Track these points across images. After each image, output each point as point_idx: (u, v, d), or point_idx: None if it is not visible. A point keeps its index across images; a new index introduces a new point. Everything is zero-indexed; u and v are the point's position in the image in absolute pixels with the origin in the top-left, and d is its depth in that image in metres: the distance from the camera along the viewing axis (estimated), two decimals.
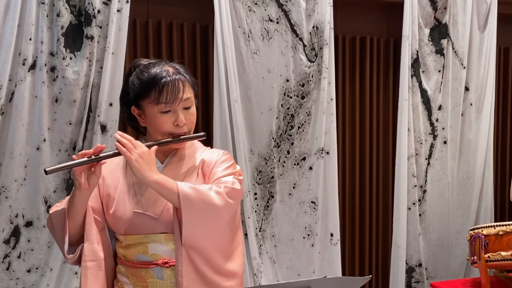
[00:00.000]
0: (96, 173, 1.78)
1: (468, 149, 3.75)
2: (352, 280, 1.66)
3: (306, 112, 3.24)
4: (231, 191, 1.81)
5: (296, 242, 3.29)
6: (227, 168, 1.91)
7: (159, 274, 1.86)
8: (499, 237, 2.62)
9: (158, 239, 1.86)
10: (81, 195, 1.78)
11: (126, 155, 1.75)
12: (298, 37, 3.17)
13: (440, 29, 3.56)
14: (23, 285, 2.71)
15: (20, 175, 2.67)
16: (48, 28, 2.67)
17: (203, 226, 1.77)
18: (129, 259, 1.89)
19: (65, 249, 1.85)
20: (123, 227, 1.88)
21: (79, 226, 1.84)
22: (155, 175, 1.75)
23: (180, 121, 1.85)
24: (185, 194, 1.74)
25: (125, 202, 1.88)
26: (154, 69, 1.86)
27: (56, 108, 2.72)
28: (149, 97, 1.84)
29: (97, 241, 1.85)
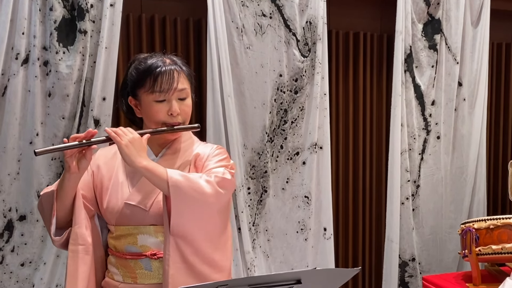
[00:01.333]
0: (86, 157, 1.79)
1: (461, 144, 3.77)
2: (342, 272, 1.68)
3: (300, 107, 3.24)
4: (221, 180, 1.82)
5: (290, 236, 3.30)
6: (220, 161, 1.92)
7: (147, 266, 1.88)
8: (490, 231, 2.64)
9: (148, 230, 1.87)
10: (71, 178, 1.80)
11: (116, 140, 1.77)
12: (291, 32, 3.18)
13: (433, 24, 3.58)
14: (17, 279, 2.71)
15: (13, 169, 2.67)
16: (41, 22, 2.67)
17: (192, 213, 1.78)
18: (119, 249, 1.91)
19: (52, 231, 1.86)
20: (114, 218, 1.90)
21: (67, 209, 1.86)
22: (144, 161, 1.77)
23: (174, 111, 1.87)
24: (174, 180, 1.75)
25: (118, 193, 1.90)
26: (152, 59, 1.90)
27: (49, 102, 2.71)
28: (145, 86, 1.86)
29: (85, 226, 1.86)
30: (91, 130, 1.79)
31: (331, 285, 1.60)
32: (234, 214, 3.08)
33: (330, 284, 1.59)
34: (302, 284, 1.48)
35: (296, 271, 1.45)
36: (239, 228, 3.11)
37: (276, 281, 1.46)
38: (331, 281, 1.59)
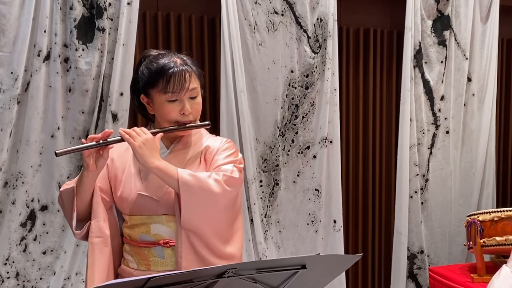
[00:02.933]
0: (103, 156, 1.89)
1: (471, 139, 3.83)
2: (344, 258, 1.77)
3: (310, 102, 3.33)
4: (229, 179, 1.90)
5: (300, 228, 3.39)
6: (228, 156, 1.99)
7: (160, 254, 1.97)
8: (494, 223, 2.71)
9: (160, 220, 1.96)
10: (89, 176, 1.90)
11: (130, 142, 1.86)
12: (303, 29, 3.26)
13: (442, 20, 3.64)
14: (39, 266, 2.84)
15: (35, 162, 2.78)
16: (61, 20, 2.78)
17: (201, 211, 1.87)
18: (134, 238, 2.00)
19: (73, 225, 1.96)
20: (128, 208, 1.99)
21: (86, 204, 1.96)
22: (157, 161, 1.85)
23: (186, 110, 1.94)
24: (184, 180, 1.84)
25: (131, 184, 1.99)
26: (163, 59, 1.96)
27: (70, 97, 2.83)
28: (157, 86, 1.93)
29: (103, 219, 1.96)
30: (107, 131, 1.88)
31: (334, 270, 1.69)
32: (246, 206, 3.18)
33: (333, 269, 1.68)
34: (307, 269, 1.57)
35: (301, 256, 1.54)
36: (251, 219, 3.20)
37: (282, 265, 1.55)
38: (334, 266, 1.68)
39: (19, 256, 2.79)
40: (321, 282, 1.73)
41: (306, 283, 1.69)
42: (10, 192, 2.76)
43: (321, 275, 1.68)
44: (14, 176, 2.76)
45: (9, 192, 2.76)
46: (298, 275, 1.59)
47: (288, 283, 1.62)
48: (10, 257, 2.77)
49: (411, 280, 3.70)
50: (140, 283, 1.33)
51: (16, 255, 2.78)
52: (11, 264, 2.77)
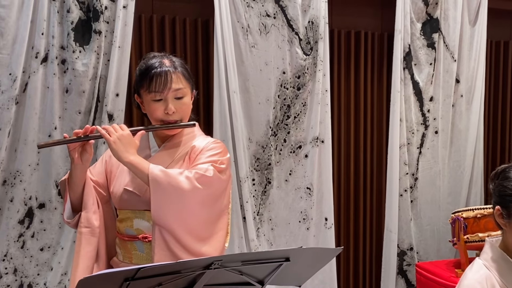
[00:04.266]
0: (87, 151, 1.97)
1: (459, 138, 3.92)
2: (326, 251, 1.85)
3: (302, 103, 3.41)
4: (201, 177, 1.94)
5: (292, 225, 3.47)
6: (211, 156, 2.03)
7: (140, 248, 2.04)
8: (477, 220, 2.80)
9: (142, 215, 2.03)
10: (76, 168, 1.98)
11: (106, 137, 1.93)
12: (294, 32, 3.34)
13: (431, 23, 3.72)
14: (37, 263, 2.92)
15: (33, 160, 2.86)
16: (59, 23, 2.86)
17: (170, 207, 1.92)
18: (121, 231, 2.08)
19: (66, 214, 2.05)
20: (117, 202, 2.08)
21: (78, 196, 2.04)
22: (131, 156, 1.92)
23: (169, 109, 2.01)
24: (154, 176, 1.90)
25: (121, 180, 2.08)
26: (152, 60, 2.04)
27: (67, 98, 2.91)
28: (143, 86, 2.02)
29: (93, 211, 2.03)
30: (88, 127, 1.96)
31: (317, 263, 1.77)
32: (239, 204, 3.26)
33: (316, 262, 1.77)
34: (290, 262, 1.65)
35: (285, 249, 1.63)
36: (244, 217, 3.29)
37: (266, 258, 1.63)
38: (317, 259, 1.76)
39: (17, 252, 2.87)
40: (305, 274, 1.82)
41: (291, 276, 1.78)
42: (9, 190, 2.84)
43: (305, 267, 1.77)
44: (12, 175, 2.84)
45: (7, 190, 2.84)
46: (283, 267, 1.68)
47: (273, 275, 1.70)
48: (8, 253, 2.85)
49: (400, 277, 3.78)
50: (131, 273, 1.41)
51: (14, 252, 2.86)
52: (9, 260, 2.85)
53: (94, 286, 1.41)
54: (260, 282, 1.73)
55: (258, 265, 1.62)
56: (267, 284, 1.74)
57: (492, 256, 1.77)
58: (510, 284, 1.71)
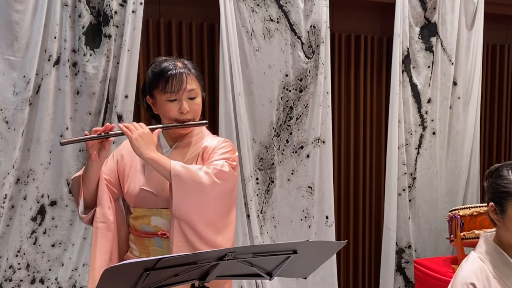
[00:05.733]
0: (105, 148, 2.06)
1: (456, 139, 4.02)
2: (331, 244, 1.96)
3: (304, 105, 3.52)
4: (219, 172, 2.05)
5: (294, 223, 3.58)
6: (223, 153, 2.15)
7: (159, 244, 2.14)
8: (473, 218, 2.91)
9: (159, 213, 2.13)
10: (93, 165, 2.07)
11: (127, 134, 2.02)
12: (297, 36, 3.45)
13: (429, 27, 3.83)
14: (48, 258, 3.01)
15: (45, 160, 2.96)
16: (70, 27, 2.95)
17: (191, 200, 2.02)
18: (137, 228, 2.18)
19: (80, 210, 2.14)
20: (133, 201, 2.17)
21: (92, 192, 2.13)
22: (152, 153, 2.01)
23: (184, 109, 2.11)
24: (176, 171, 2.00)
25: (136, 179, 2.17)
26: (165, 63, 2.14)
27: (78, 99, 3.00)
28: (158, 87, 2.11)
29: (107, 206, 2.13)
30: (109, 125, 2.06)
31: (322, 256, 1.88)
32: (243, 202, 3.36)
33: (322, 255, 1.87)
34: (297, 254, 1.76)
35: (292, 242, 1.73)
36: (248, 215, 3.39)
37: (276, 250, 1.74)
38: (322, 252, 1.86)
39: (29, 248, 2.96)
40: (311, 266, 1.92)
41: (297, 268, 1.88)
42: (22, 188, 2.94)
43: (310, 260, 1.87)
44: (25, 173, 2.94)
45: (20, 188, 2.94)
46: (290, 260, 1.78)
47: (281, 267, 1.81)
48: (21, 249, 2.95)
49: (399, 273, 3.89)
50: (151, 263, 1.52)
51: (26, 248, 2.96)
52: (22, 256, 2.95)
53: (116, 276, 1.51)
54: (268, 274, 1.84)
55: (268, 257, 1.73)
56: (275, 276, 1.85)
57: (486, 250, 1.87)
58: (503, 275, 1.82)
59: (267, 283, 3.45)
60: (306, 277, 1.96)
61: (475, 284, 1.79)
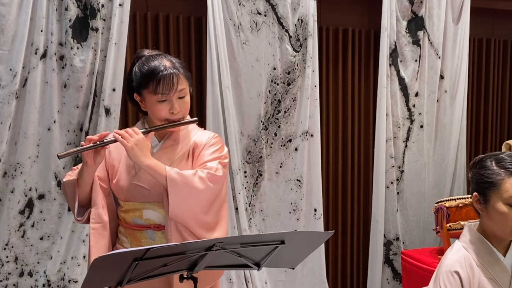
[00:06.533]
0: (100, 154, 2.09)
1: (443, 132, 4.05)
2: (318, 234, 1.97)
3: (292, 98, 3.53)
4: (212, 176, 2.10)
5: (283, 216, 3.59)
6: (214, 152, 2.17)
7: (151, 236, 2.17)
8: (459, 209, 2.94)
9: (151, 206, 2.16)
10: (88, 170, 2.10)
11: (123, 144, 2.05)
12: (284, 29, 3.46)
13: (416, 21, 3.85)
14: (36, 251, 3.01)
15: (33, 153, 2.95)
16: (57, 20, 2.94)
17: (186, 205, 2.07)
18: (128, 221, 2.20)
19: (75, 212, 2.17)
20: (123, 195, 2.19)
21: (87, 193, 2.16)
22: (148, 160, 2.05)
23: (175, 109, 2.12)
24: (171, 178, 2.04)
25: (126, 174, 2.18)
26: (154, 62, 2.13)
27: (65, 93, 3.00)
28: (148, 88, 2.11)
29: (102, 206, 2.16)
30: (103, 133, 2.10)
31: (309, 246, 1.89)
32: (232, 195, 3.37)
33: (309, 245, 1.89)
34: (285, 244, 1.78)
35: (280, 232, 1.74)
36: (236, 208, 3.40)
37: (264, 240, 1.75)
38: (310, 242, 1.88)
39: (17, 241, 2.96)
40: (298, 257, 1.94)
41: (285, 258, 1.90)
42: (9, 182, 2.93)
43: (298, 250, 1.89)
44: (13, 167, 2.93)
45: (8, 182, 2.93)
46: (278, 250, 1.80)
47: (269, 257, 1.83)
48: (10, 242, 2.94)
49: (387, 265, 3.92)
50: (140, 253, 1.52)
51: (15, 241, 2.95)
52: (10, 249, 2.94)
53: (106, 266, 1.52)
54: (256, 264, 1.85)
55: (255, 248, 1.74)
56: (263, 266, 1.86)
57: (470, 239, 1.90)
58: (486, 264, 1.85)
59: (256, 276, 3.46)
60: (294, 268, 1.98)
61: (459, 272, 1.82)
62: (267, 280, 3.54)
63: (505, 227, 1.82)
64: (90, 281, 1.56)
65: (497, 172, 1.83)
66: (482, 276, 1.83)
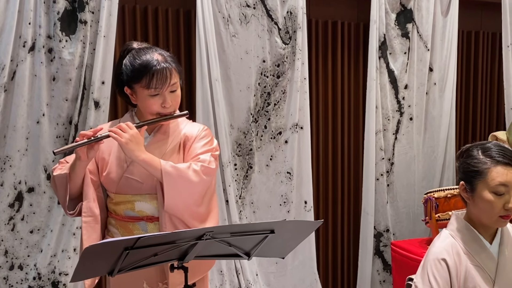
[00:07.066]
0: (94, 149, 2.09)
1: (432, 125, 4.08)
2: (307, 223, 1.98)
3: (282, 90, 3.54)
4: (206, 169, 2.12)
5: (273, 208, 3.60)
6: (205, 144, 2.19)
7: (144, 227, 2.17)
8: (448, 200, 2.97)
9: (144, 198, 2.17)
10: (81, 165, 2.10)
11: (118, 140, 2.06)
12: (273, 22, 3.46)
13: (405, 14, 3.87)
14: (26, 245, 3.00)
15: (22, 146, 2.94)
16: (45, 13, 2.92)
17: (181, 198, 2.09)
18: (119, 213, 2.20)
19: (66, 206, 2.17)
20: (114, 187, 2.19)
21: (78, 186, 2.16)
22: (143, 155, 2.06)
23: (167, 103, 2.13)
24: (166, 172, 2.06)
25: (117, 167, 2.19)
26: (146, 56, 2.12)
27: (54, 86, 2.99)
28: (141, 82, 2.11)
29: (93, 199, 2.16)
30: (97, 128, 2.11)
31: (299, 235, 1.90)
32: (222, 187, 3.38)
33: (299, 234, 1.90)
34: (275, 234, 1.78)
35: (269, 222, 1.75)
36: (227, 200, 3.40)
37: (253, 230, 1.76)
38: (299, 231, 1.89)
39: (7, 235, 2.95)
40: (288, 246, 1.95)
41: (275, 248, 1.91)
42: None
43: (288, 240, 1.90)
44: (2, 160, 2.91)
45: None
46: (268, 239, 1.81)
47: (259, 247, 1.84)
48: None
49: (377, 257, 3.94)
50: (130, 242, 1.53)
51: (4, 234, 2.94)
52: (0, 242, 2.93)
53: (96, 255, 1.52)
54: (246, 254, 1.86)
55: (245, 237, 1.75)
56: (253, 256, 1.87)
57: (457, 227, 1.92)
58: (472, 251, 1.87)
59: (247, 268, 3.47)
60: (284, 257, 1.99)
61: (446, 260, 1.84)
62: (258, 272, 3.55)
63: (491, 215, 1.84)
64: (81, 270, 1.56)
65: (483, 161, 1.85)
66: (469, 263, 1.85)
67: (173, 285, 2.06)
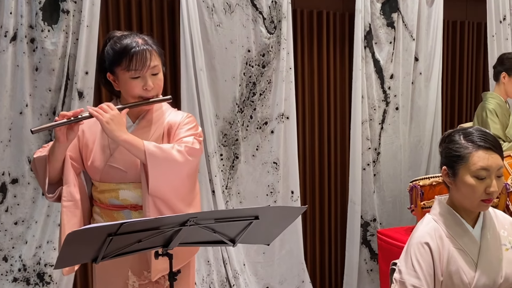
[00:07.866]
0: (73, 130, 2.06)
1: (418, 114, 4.10)
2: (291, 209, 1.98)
3: (267, 80, 3.53)
4: (190, 149, 2.10)
5: (260, 199, 3.60)
6: (189, 129, 2.18)
7: (128, 216, 2.16)
8: (433, 187, 2.98)
9: (128, 187, 2.15)
10: (60, 146, 2.07)
11: (98, 118, 2.03)
12: (258, 11, 3.44)
13: (390, 3, 3.87)
14: (11, 236, 2.97)
15: (5, 137, 2.91)
16: (27, 2, 2.89)
17: (166, 179, 2.06)
18: (103, 202, 2.19)
19: (46, 189, 2.14)
20: (99, 175, 2.17)
21: (58, 170, 2.13)
22: (124, 135, 2.03)
23: (148, 86, 2.12)
24: (150, 152, 2.03)
25: (101, 155, 2.17)
26: (126, 40, 2.12)
27: (37, 76, 2.95)
28: (121, 65, 2.10)
29: (73, 184, 2.14)
30: (78, 110, 2.07)
31: (284, 221, 1.90)
32: (208, 178, 3.37)
33: (283, 220, 1.89)
34: (259, 220, 1.78)
35: (254, 208, 1.75)
36: (213, 190, 3.40)
37: (237, 216, 1.76)
38: (284, 217, 1.89)
39: None
40: (273, 233, 1.95)
41: (260, 234, 1.91)
42: None
43: (273, 226, 1.89)
44: None
45: None
46: (252, 226, 1.80)
47: (244, 233, 1.83)
48: None
49: (364, 246, 3.96)
50: (113, 228, 1.52)
51: None
52: None
53: (79, 241, 1.51)
54: (231, 240, 1.86)
55: (230, 223, 1.74)
56: (238, 243, 1.86)
57: (440, 211, 1.93)
58: (455, 235, 1.88)
59: (234, 258, 3.47)
60: (269, 244, 1.99)
61: (429, 243, 1.84)
62: (245, 261, 3.55)
63: (473, 199, 1.85)
64: (64, 256, 1.55)
65: (465, 145, 1.86)
66: (452, 247, 1.86)
67: (157, 271, 2.05)
